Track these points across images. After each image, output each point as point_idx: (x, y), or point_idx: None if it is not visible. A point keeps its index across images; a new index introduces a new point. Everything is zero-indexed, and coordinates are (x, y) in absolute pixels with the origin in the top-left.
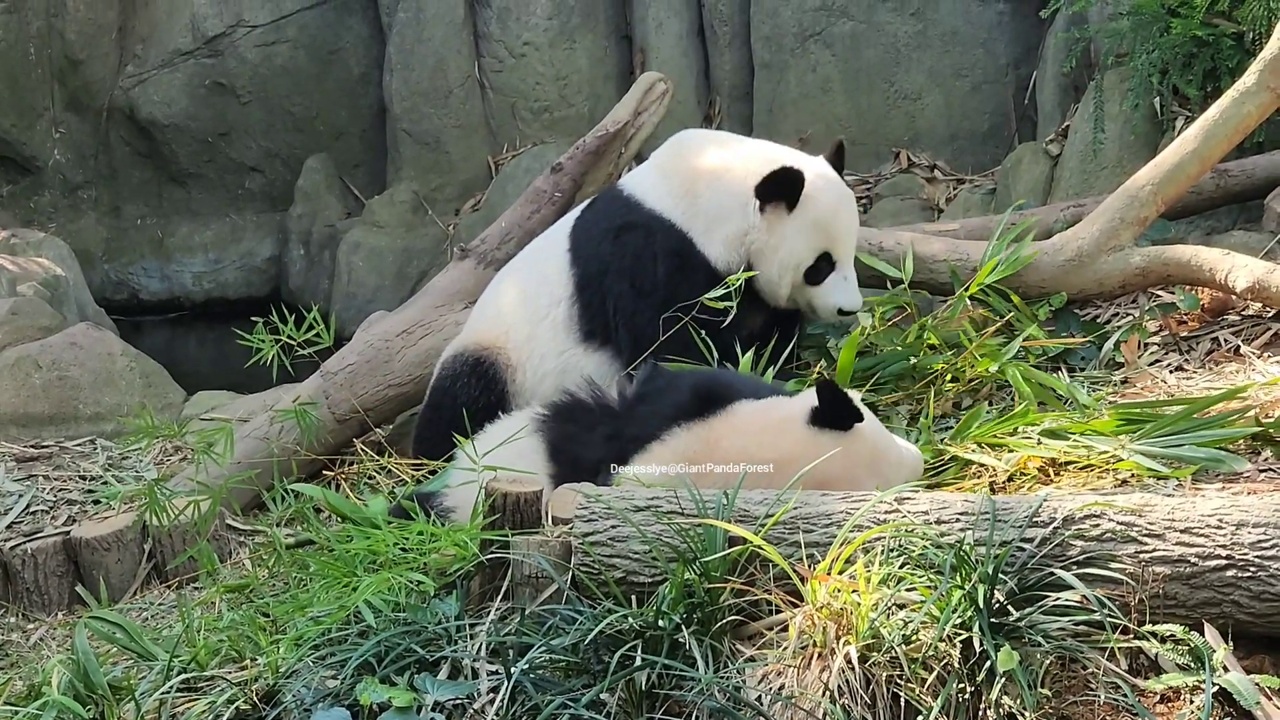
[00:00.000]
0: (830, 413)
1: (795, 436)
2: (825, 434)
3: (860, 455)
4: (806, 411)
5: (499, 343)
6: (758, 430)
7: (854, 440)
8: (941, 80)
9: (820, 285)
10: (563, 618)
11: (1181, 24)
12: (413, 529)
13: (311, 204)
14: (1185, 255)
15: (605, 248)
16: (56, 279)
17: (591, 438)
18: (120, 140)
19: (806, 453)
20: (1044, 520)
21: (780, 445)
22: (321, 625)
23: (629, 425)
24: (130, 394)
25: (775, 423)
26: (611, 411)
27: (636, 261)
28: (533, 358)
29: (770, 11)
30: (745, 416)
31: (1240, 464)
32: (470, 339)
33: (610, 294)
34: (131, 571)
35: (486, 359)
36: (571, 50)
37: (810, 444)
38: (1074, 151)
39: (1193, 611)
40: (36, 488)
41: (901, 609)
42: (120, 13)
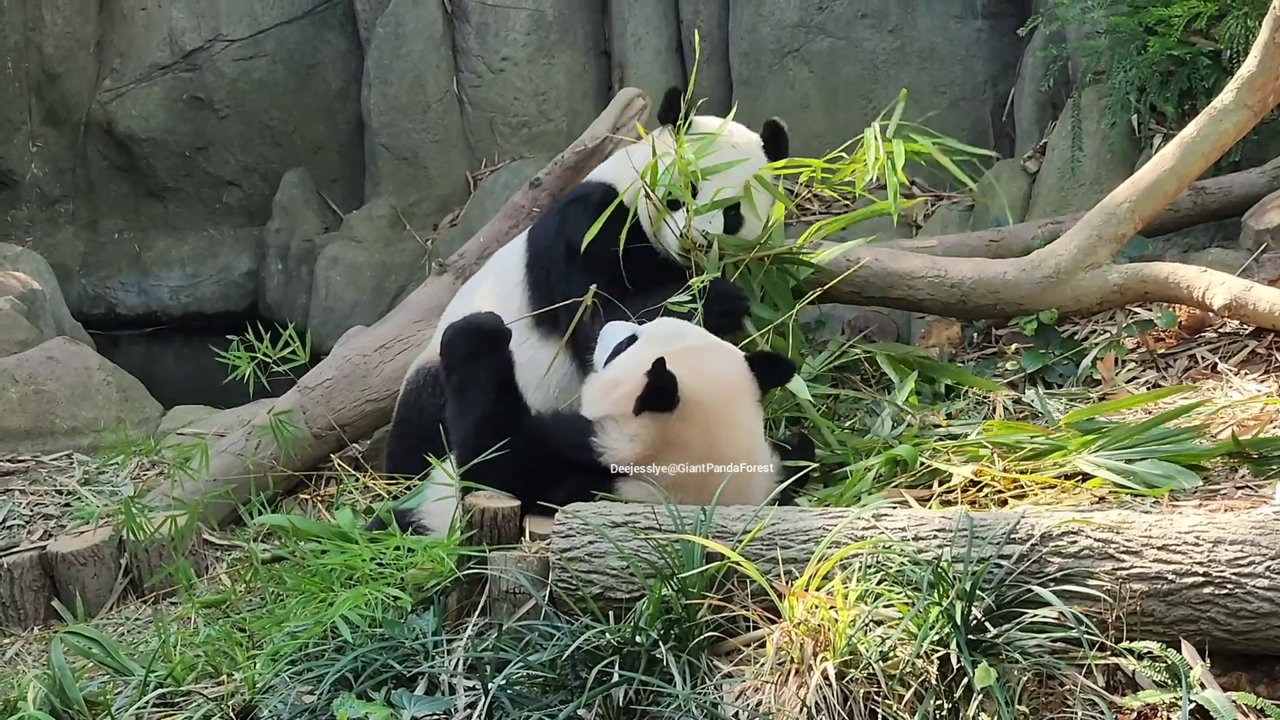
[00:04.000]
0: (653, 394)
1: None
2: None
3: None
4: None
5: None
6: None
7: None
8: (920, 97)
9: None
10: (540, 633)
11: (1159, 42)
12: (389, 544)
13: (289, 218)
14: (1163, 272)
15: (551, 222)
16: (33, 293)
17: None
18: (98, 154)
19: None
20: (1021, 537)
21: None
22: (298, 640)
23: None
24: (107, 408)
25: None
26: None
27: (575, 225)
28: None
29: (748, 28)
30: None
31: (1191, 480)
32: (434, 351)
33: (552, 267)
34: (108, 586)
35: None
36: (550, 66)
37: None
38: (1052, 169)
39: (1170, 629)
40: (13, 502)
41: (879, 625)
42: (98, 26)
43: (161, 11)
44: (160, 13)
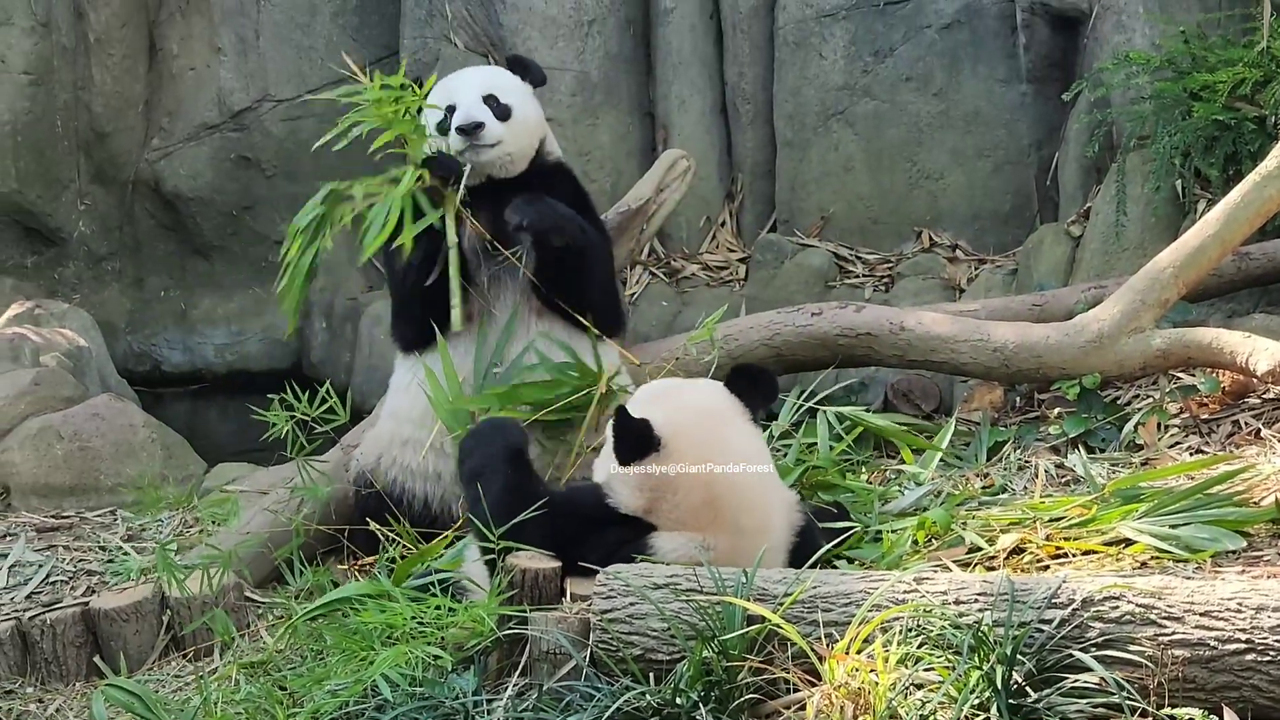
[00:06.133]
0: (626, 441)
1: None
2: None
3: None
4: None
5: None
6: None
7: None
8: (964, 160)
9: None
10: (580, 694)
11: (1204, 108)
12: (430, 603)
13: (333, 277)
14: (1206, 338)
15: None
16: (79, 350)
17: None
18: (145, 212)
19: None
20: (1063, 601)
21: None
22: (339, 699)
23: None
24: (151, 465)
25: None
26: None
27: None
28: None
29: (793, 90)
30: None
31: (1236, 541)
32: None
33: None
34: (150, 643)
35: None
36: (594, 126)
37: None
38: (1096, 233)
39: (1212, 695)
40: (56, 558)
41: (919, 689)
42: (147, 86)
43: (210, 72)
44: (209, 73)
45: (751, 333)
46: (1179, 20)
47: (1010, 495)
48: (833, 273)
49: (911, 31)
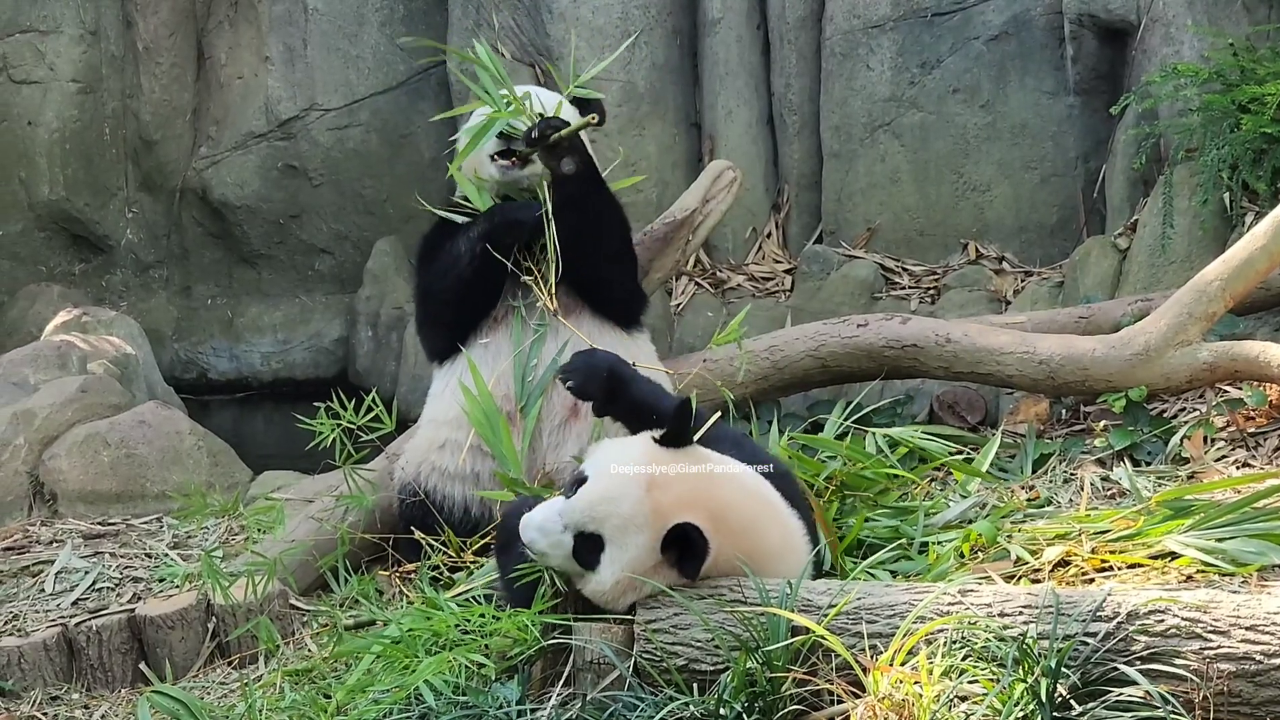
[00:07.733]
0: (675, 431)
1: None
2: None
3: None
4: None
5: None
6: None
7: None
8: (1011, 172)
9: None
10: (624, 704)
11: (1252, 120)
12: (474, 611)
13: (380, 286)
14: (1253, 351)
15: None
16: (126, 357)
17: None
18: (192, 221)
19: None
20: (1108, 615)
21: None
22: (382, 706)
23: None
24: (197, 473)
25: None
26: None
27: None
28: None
29: (840, 101)
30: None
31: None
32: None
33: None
34: (195, 650)
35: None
36: (640, 137)
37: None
38: (1143, 246)
39: (1258, 709)
40: (102, 565)
41: (963, 701)
42: (195, 95)
43: (258, 81)
44: (257, 82)
45: (797, 344)
46: (1227, 33)
47: (1056, 508)
48: (879, 284)
49: (959, 43)
